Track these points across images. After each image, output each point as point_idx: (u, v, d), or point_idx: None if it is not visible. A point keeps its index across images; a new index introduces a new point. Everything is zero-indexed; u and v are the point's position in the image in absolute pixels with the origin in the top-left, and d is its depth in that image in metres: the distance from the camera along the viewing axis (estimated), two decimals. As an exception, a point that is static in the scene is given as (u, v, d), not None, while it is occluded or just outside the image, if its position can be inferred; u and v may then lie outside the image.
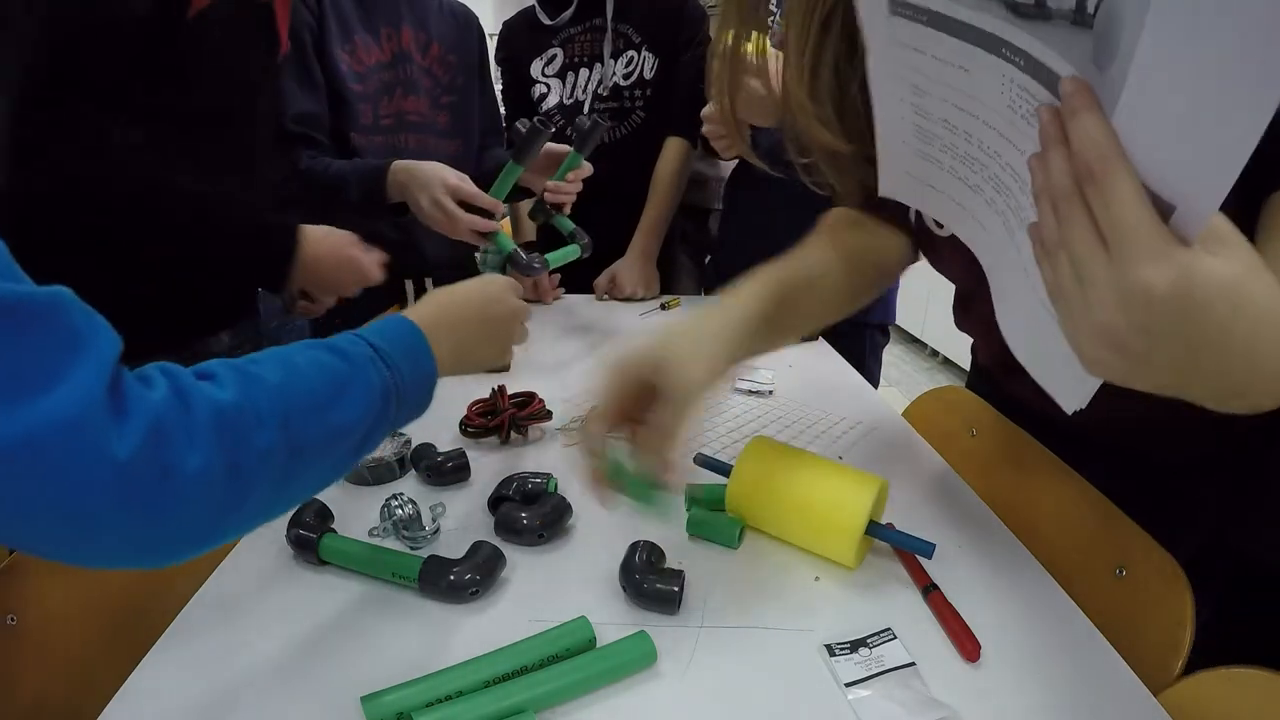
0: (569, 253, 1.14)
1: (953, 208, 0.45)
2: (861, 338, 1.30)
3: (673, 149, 1.41)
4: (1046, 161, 0.30)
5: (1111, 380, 0.34)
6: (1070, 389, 0.38)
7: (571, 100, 1.40)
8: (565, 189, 1.16)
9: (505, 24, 1.44)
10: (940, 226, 0.65)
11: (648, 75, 1.38)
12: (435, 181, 1.02)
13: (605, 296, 1.39)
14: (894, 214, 0.68)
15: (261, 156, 0.89)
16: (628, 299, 1.38)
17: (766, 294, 0.56)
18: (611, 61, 1.37)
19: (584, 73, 1.39)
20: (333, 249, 0.87)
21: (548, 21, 1.37)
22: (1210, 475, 0.67)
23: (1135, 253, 0.28)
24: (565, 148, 1.14)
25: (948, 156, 0.40)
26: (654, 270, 1.43)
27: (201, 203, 0.76)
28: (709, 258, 1.62)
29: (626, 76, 1.39)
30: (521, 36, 1.40)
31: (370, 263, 0.89)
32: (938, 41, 0.33)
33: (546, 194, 1.16)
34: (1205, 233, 0.28)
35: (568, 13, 1.35)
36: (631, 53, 1.38)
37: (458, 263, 1.33)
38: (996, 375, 0.78)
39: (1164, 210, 0.27)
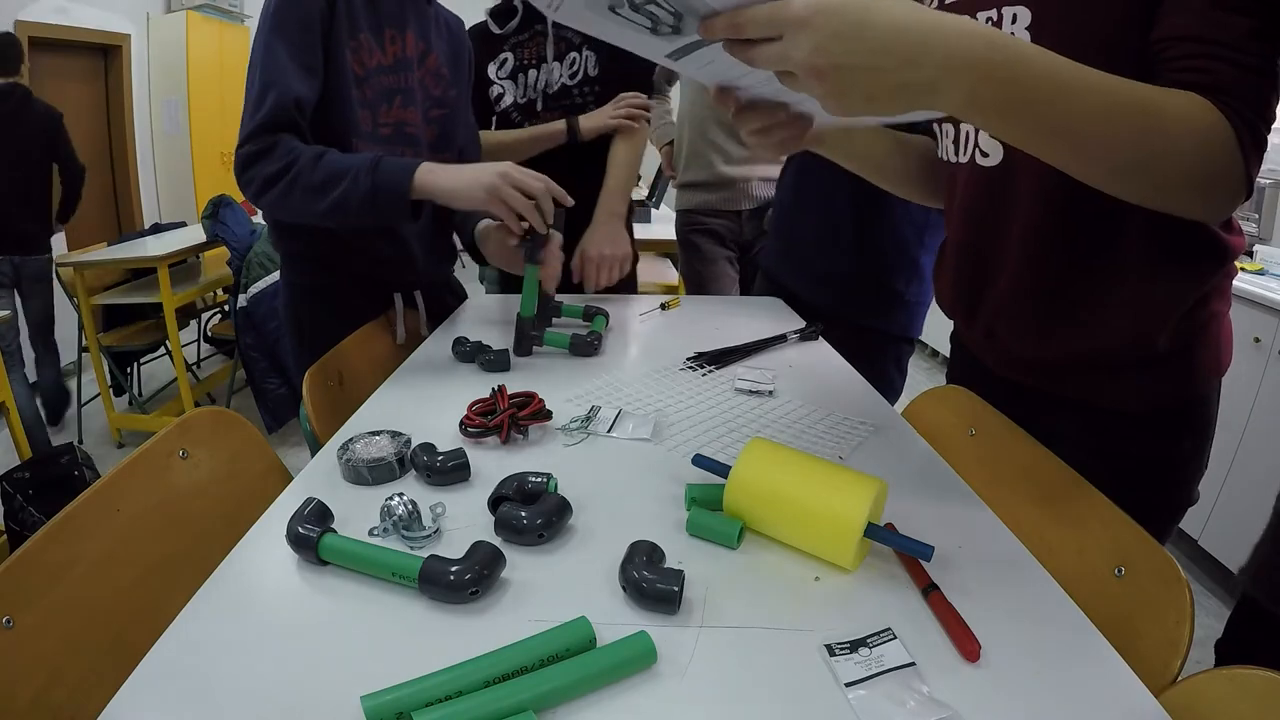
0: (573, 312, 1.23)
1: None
2: (884, 348, 1.29)
3: (623, 132, 1.46)
4: (734, 50, 0.51)
5: (851, 110, 0.49)
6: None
7: (525, 99, 1.48)
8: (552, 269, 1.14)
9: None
10: None
11: (592, 72, 1.46)
12: (495, 164, 0.98)
13: (581, 282, 1.37)
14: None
15: None
16: (599, 265, 1.34)
17: None
18: (555, 64, 1.46)
19: (533, 74, 1.48)
20: None
21: (497, 31, 1.47)
22: (1175, 431, 0.73)
23: (777, 24, 0.47)
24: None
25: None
26: (623, 231, 1.41)
27: None
28: (756, 250, 1.68)
29: (572, 76, 1.47)
30: (477, 42, 1.44)
31: None
32: (695, 60, 0.58)
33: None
34: None
35: (514, 22, 1.46)
36: (574, 54, 1.46)
37: (445, 278, 1.33)
38: (962, 333, 0.88)
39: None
